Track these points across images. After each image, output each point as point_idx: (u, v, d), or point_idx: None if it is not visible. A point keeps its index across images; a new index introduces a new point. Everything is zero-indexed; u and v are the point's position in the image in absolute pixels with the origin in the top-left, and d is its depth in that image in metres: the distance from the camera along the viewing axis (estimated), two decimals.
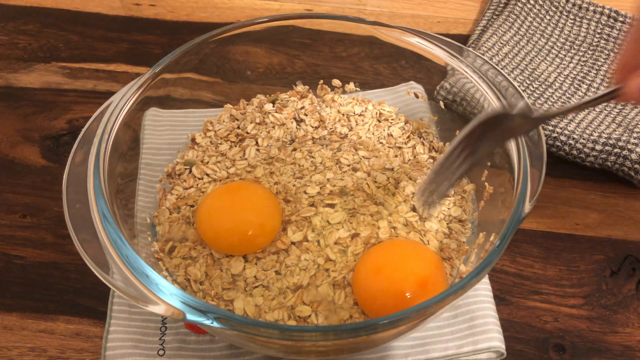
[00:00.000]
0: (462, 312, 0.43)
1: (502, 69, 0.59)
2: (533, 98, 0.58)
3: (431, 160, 0.49)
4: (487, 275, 0.46)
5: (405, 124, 0.52)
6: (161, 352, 0.41)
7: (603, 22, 0.65)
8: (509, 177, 0.39)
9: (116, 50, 0.68)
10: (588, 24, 0.66)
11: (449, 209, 0.45)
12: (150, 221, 0.46)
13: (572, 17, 0.66)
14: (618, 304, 0.47)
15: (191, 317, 0.30)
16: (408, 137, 0.50)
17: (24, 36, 0.69)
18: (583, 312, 0.47)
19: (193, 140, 0.52)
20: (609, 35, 0.65)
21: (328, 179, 0.47)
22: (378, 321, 0.30)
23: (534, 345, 0.45)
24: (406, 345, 0.42)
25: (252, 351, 0.42)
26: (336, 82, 0.55)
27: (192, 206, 0.46)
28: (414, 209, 0.45)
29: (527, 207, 0.35)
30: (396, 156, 0.49)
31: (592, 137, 0.53)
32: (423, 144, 0.50)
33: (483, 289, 0.44)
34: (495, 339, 0.42)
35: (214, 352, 0.42)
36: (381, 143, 0.50)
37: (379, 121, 0.52)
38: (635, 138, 0.52)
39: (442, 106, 0.52)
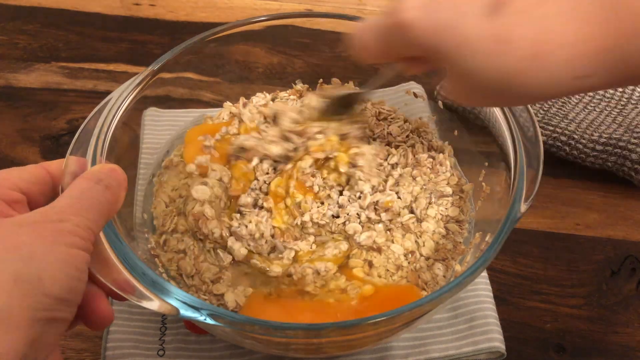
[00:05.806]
0: (462, 313, 0.43)
1: None
2: None
3: (431, 160, 0.49)
4: (487, 276, 0.46)
5: (404, 122, 0.51)
6: (161, 352, 0.41)
7: None
8: (506, 177, 0.39)
9: (116, 50, 0.68)
10: None
11: (446, 209, 0.45)
12: (148, 217, 0.46)
13: None
14: (618, 304, 0.47)
15: (185, 313, 0.30)
16: (407, 135, 0.50)
17: (24, 36, 0.70)
18: (583, 312, 0.47)
19: None
20: None
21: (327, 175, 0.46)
22: (368, 320, 0.30)
23: (534, 346, 0.45)
24: (406, 345, 0.42)
25: (253, 351, 0.41)
26: (335, 80, 0.55)
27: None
28: (411, 211, 0.45)
29: (523, 207, 0.35)
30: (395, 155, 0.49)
31: (592, 138, 0.53)
32: (422, 143, 0.50)
33: (483, 289, 0.44)
34: (496, 340, 0.41)
35: (214, 352, 0.42)
36: (380, 141, 0.50)
37: (378, 120, 0.52)
38: (635, 138, 0.52)
39: (441, 106, 0.52)
